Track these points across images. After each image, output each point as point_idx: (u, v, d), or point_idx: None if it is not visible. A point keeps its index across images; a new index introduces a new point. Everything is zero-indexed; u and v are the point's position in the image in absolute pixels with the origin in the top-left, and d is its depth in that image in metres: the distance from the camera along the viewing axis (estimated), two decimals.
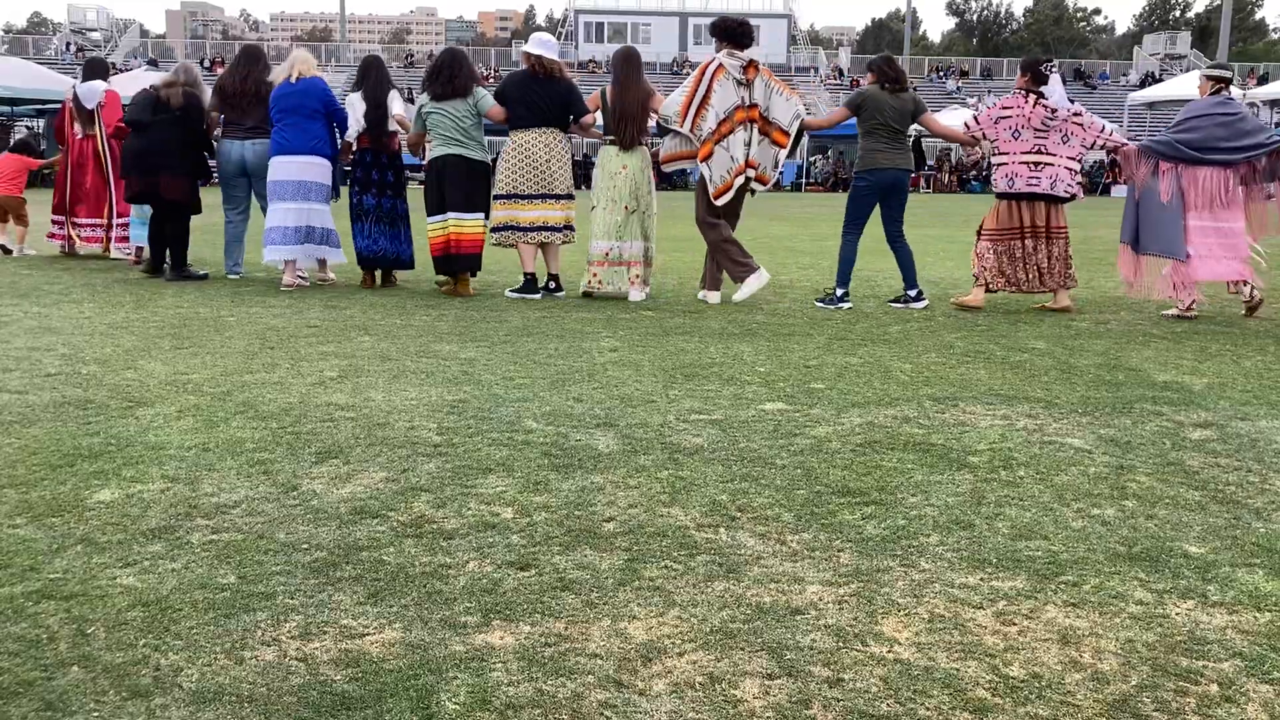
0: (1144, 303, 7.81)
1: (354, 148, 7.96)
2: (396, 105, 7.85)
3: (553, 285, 7.70)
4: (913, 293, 7.57)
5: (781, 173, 9.27)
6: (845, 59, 56.19)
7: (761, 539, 2.86)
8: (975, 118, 7.55)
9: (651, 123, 7.51)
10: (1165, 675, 2.14)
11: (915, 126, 7.65)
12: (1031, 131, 7.26)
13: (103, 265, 9.27)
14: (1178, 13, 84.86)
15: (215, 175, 8.53)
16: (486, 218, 7.58)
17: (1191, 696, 2.06)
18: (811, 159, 39.29)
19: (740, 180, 7.29)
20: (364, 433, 3.82)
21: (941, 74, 52.25)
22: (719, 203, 7.31)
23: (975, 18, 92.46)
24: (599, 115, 7.55)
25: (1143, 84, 48.31)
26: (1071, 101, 7.39)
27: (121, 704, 1.96)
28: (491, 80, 36.56)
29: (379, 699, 1.99)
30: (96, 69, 9.86)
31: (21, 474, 3.27)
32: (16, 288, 7.55)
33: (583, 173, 22.23)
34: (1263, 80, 43.80)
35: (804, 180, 37.74)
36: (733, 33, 7.27)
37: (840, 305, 7.40)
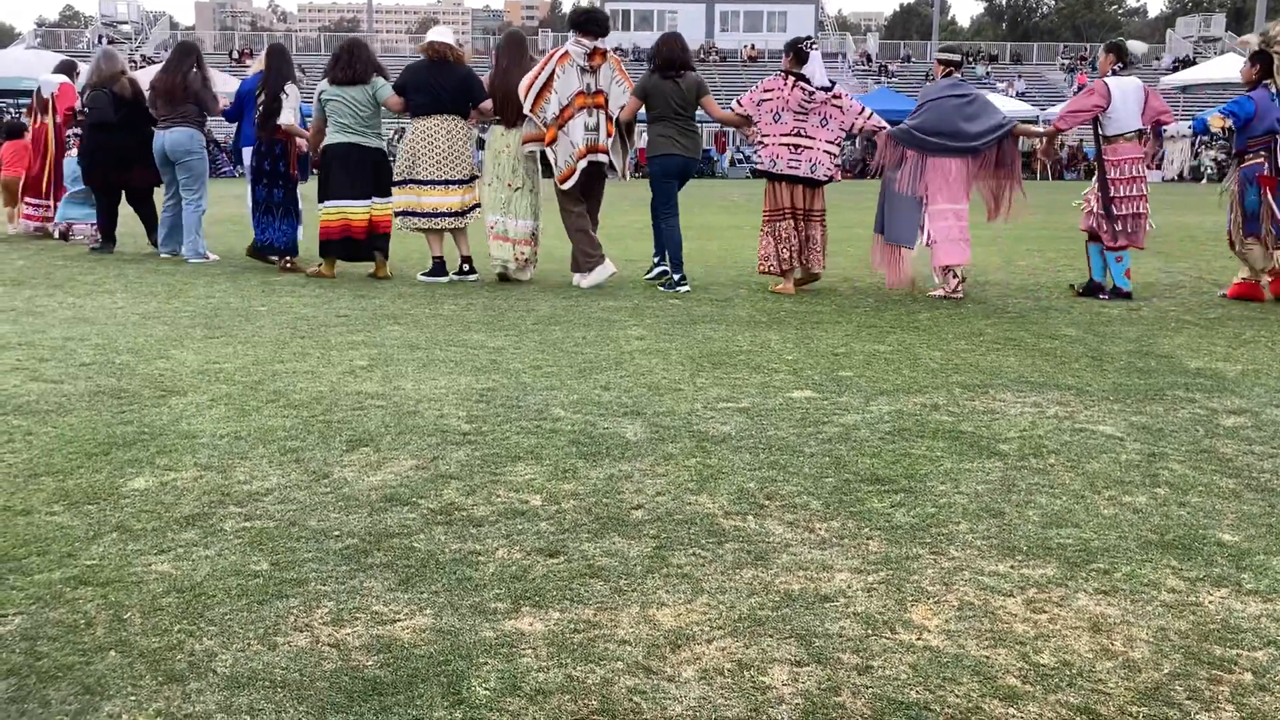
0: (1176, 288, 7.73)
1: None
2: (286, 114, 8.09)
3: (466, 268, 7.89)
4: (656, 270, 7.65)
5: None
6: (873, 45, 55.76)
7: (790, 527, 2.86)
8: (740, 100, 7.56)
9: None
10: (1198, 663, 2.12)
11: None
12: (791, 114, 7.26)
13: (134, 257, 9.37)
14: None
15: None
16: (389, 198, 7.82)
17: (1225, 685, 2.04)
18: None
19: (583, 164, 7.43)
20: (394, 421, 3.84)
21: (971, 59, 51.76)
22: (564, 187, 7.51)
23: (1005, 2, 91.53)
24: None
25: (1176, 68, 47.67)
26: (832, 84, 7.42)
27: (158, 688, 1.99)
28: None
29: (410, 684, 2.01)
30: (61, 68, 11.04)
31: (58, 462, 3.32)
32: (52, 278, 7.64)
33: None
34: None
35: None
36: (581, 22, 7.56)
37: (679, 289, 7.38)
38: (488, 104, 7.68)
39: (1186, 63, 48.29)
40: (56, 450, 3.44)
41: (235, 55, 46.20)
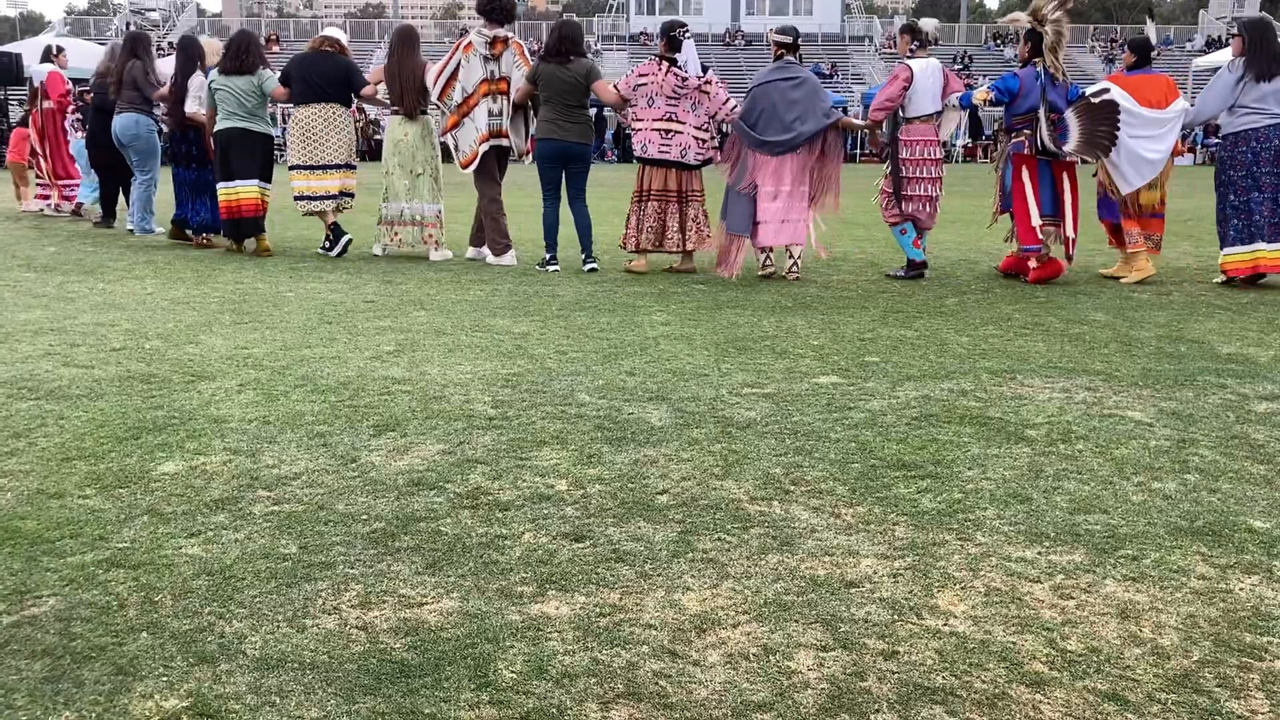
0: (1208, 273, 7.64)
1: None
2: (190, 102, 8.69)
3: (328, 245, 8.34)
4: (585, 258, 7.70)
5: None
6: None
7: (815, 512, 2.86)
8: (616, 85, 7.64)
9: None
10: (1228, 651, 2.11)
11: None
12: (664, 99, 7.35)
13: (163, 244, 9.45)
14: None
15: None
16: (268, 183, 8.43)
17: (1255, 672, 2.03)
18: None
19: (485, 148, 7.78)
20: (420, 406, 3.86)
21: (999, 42, 51.24)
22: (465, 172, 7.92)
23: None
24: (382, 87, 8.14)
25: (1208, 48, 47.01)
26: (705, 70, 7.48)
27: (188, 669, 2.02)
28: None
29: (437, 667, 2.03)
30: (45, 56, 11.79)
31: (90, 446, 3.35)
32: (82, 265, 7.71)
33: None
34: None
35: (858, 151, 36.96)
36: (485, 9, 7.82)
37: (548, 268, 7.53)
38: (369, 90, 8.17)
39: (1219, 43, 47.59)
40: (88, 434, 3.48)
41: (263, 42, 46.42)
